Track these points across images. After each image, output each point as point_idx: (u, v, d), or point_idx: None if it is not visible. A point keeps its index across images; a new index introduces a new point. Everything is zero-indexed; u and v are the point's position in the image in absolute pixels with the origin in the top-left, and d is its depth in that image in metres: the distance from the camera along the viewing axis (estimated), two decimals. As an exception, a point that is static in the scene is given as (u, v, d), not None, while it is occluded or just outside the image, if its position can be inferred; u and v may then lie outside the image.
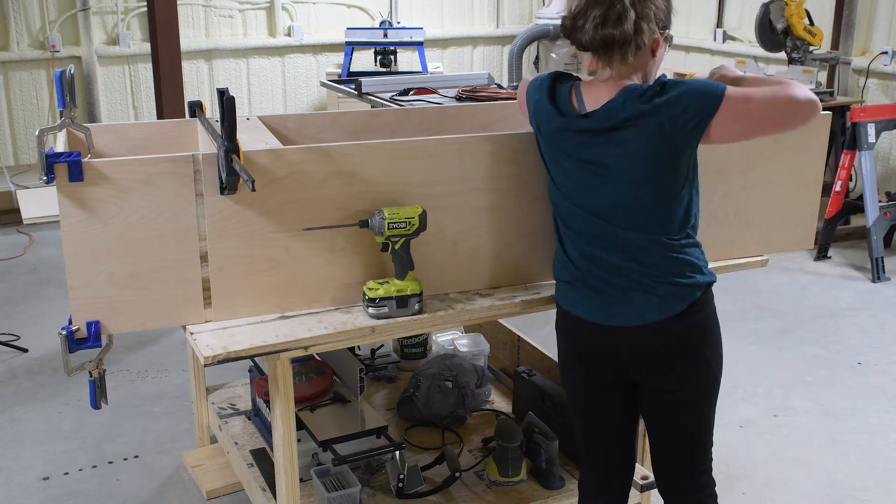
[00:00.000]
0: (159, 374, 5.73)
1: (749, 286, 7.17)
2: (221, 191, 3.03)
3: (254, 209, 3.10)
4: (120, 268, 3.02)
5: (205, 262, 3.11)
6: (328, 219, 3.20)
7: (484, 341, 4.98)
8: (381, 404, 4.69)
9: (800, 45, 8.37)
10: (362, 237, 3.27)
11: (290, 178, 3.12)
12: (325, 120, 3.98)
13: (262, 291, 3.20)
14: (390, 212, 3.18)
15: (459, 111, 4.22)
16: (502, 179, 3.42)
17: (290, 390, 3.23)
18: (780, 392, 5.52)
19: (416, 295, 3.25)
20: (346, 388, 4.26)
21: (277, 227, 3.14)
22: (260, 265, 3.17)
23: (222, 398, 4.67)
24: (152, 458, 4.79)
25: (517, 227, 3.50)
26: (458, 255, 3.45)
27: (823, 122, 3.88)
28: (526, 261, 3.56)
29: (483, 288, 3.53)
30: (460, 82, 7.23)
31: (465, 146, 3.35)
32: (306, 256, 3.22)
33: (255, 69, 10.79)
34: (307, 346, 3.11)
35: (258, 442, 4.25)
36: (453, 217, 3.39)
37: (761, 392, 5.53)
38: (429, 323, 3.31)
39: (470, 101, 6.46)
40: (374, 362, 4.92)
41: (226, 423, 4.44)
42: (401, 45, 10.50)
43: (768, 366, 5.87)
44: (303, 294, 3.26)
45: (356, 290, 3.32)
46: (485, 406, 4.66)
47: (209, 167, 3.02)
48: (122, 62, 10.04)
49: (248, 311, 3.20)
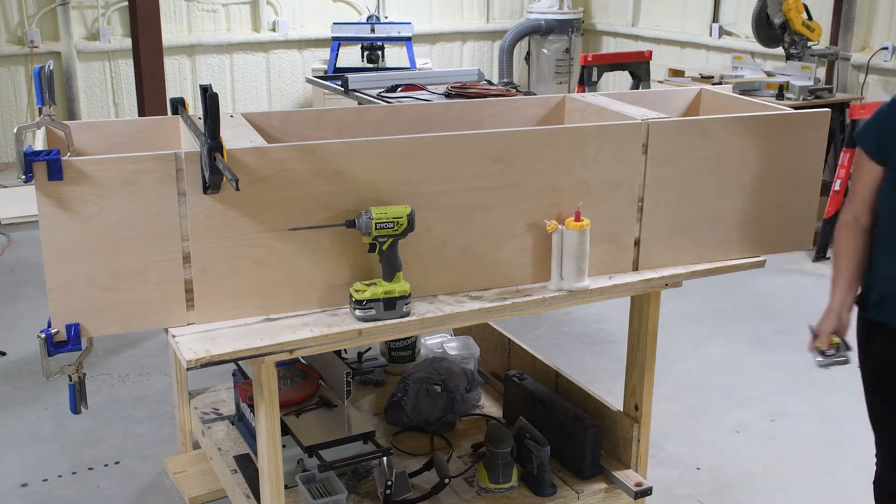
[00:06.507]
0: (141, 378, 5.73)
1: (747, 287, 7.19)
2: (204, 190, 3.03)
3: (237, 209, 3.10)
4: (100, 269, 3.03)
5: (187, 263, 3.12)
6: (314, 219, 3.21)
7: (474, 344, 4.99)
8: (369, 409, 4.70)
9: (798, 40, 8.40)
10: (349, 238, 3.28)
11: (275, 176, 3.13)
12: (310, 117, 3.99)
13: (246, 293, 3.21)
14: (377, 211, 3.19)
15: (448, 108, 4.22)
16: (493, 178, 3.43)
17: (274, 395, 3.24)
18: (778, 395, 5.54)
19: (404, 297, 3.26)
20: (332, 392, 4.26)
21: (262, 228, 3.15)
22: (244, 266, 3.17)
23: (205, 403, 4.68)
24: (133, 464, 4.79)
25: (508, 228, 3.51)
26: (448, 256, 3.46)
27: (822, 119, 3.89)
28: (517, 262, 3.57)
29: (473, 290, 3.54)
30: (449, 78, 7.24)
31: (454, 144, 3.36)
32: (291, 257, 3.22)
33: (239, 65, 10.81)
34: (292, 350, 3.12)
35: (242, 448, 4.26)
36: (442, 217, 3.40)
37: (758, 395, 5.55)
38: (417, 325, 3.32)
39: (459, 97, 6.47)
40: (362, 366, 4.93)
41: (209, 428, 4.45)
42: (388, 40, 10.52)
43: (766, 368, 5.89)
44: (288, 296, 3.27)
45: (343, 292, 3.33)
46: (474, 411, 4.67)
47: (192, 166, 3.03)
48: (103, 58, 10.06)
49: (231, 313, 3.21)
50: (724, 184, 3.77)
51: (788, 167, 3.87)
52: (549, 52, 11.69)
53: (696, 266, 3.83)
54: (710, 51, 10.83)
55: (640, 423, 4.11)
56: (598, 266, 3.67)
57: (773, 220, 3.92)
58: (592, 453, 4.12)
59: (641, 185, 3.67)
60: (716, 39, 10.74)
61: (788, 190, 3.91)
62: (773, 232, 3.94)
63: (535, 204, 3.50)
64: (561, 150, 3.51)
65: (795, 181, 3.92)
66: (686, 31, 11.09)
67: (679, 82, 8.83)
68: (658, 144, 3.64)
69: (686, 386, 5.67)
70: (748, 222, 3.87)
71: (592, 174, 3.58)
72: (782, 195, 3.90)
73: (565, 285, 3.55)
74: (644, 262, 3.78)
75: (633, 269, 3.77)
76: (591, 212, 3.56)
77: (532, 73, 11.93)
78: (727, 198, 3.80)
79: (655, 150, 3.65)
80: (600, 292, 3.64)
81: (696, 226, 3.79)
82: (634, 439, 4.12)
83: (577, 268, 3.52)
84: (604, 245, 3.67)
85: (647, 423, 4.12)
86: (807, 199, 3.97)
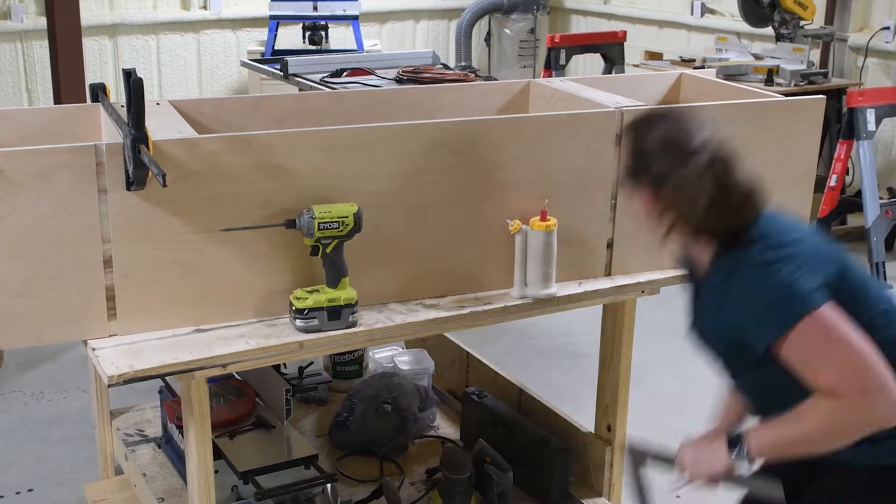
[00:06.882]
0: (57, 396, 5.71)
1: (730, 295, 7.19)
2: (128, 186, 3.03)
3: (165, 207, 3.10)
4: (12, 274, 3.02)
5: (109, 268, 3.11)
6: (250, 218, 3.21)
7: (428, 358, 5.00)
8: (311, 430, 4.70)
9: (789, 19, 8.44)
10: (289, 239, 3.28)
11: (207, 171, 3.13)
12: (246, 105, 3.99)
13: (175, 301, 3.21)
14: (321, 210, 3.19)
15: (400, 95, 4.24)
16: (449, 173, 3.44)
17: (206, 414, 3.24)
18: (765, 415, 5.56)
19: (350, 305, 3.27)
20: (270, 411, 4.26)
21: (192, 228, 3.15)
22: (172, 271, 3.17)
23: (129, 423, 4.66)
24: (49, 491, 4.78)
25: (466, 228, 3.53)
26: (399, 260, 3.47)
27: (816, 107, 3.92)
28: (476, 266, 3.59)
29: (427, 297, 3.55)
30: (401, 62, 7.24)
31: (406, 135, 3.38)
32: (225, 261, 3.23)
33: (167, 47, 10.76)
34: (226, 364, 3.12)
35: (170, 473, 4.25)
36: (393, 216, 3.41)
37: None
38: (365, 337, 3.33)
39: (412, 83, 6.48)
40: (303, 382, 4.93)
41: (133, 451, 4.43)
42: (333, 19, 10.50)
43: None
44: (221, 304, 3.27)
45: (282, 300, 3.33)
46: (429, 432, 4.68)
47: (114, 159, 3.02)
48: (14, 39, 9.99)
49: (158, 323, 3.21)
50: (705, 180, 3.79)
51: (779, 161, 3.90)
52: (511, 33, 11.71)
53: (676, 271, 3.84)
54: (691, 31, 10.86)
55: (613, 447, 4.14)
56: (567, 271, 3.70)
57: (760, 219, 3.94)
58: (560, 480, 4.15)
59: (615, 181, 3.70)
60: (697, 19, 10.76)
61: (779, 186, 3.91)
62: (759, 233, 3.96)
63: (497, 201, 3.52)
64: (525, 142, 3.53)
65: (787, 176, 3.94)
66: (664, 9, 11.11)
67: (657, 66, 8.87)
68: (632, 136, 3.65)
69: (665, 406, 5.69)
70: (732, 222, 3.89)
71: (560, 168, 3.60)
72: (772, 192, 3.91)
73: (530, 292, 3.57)
74: (618, 266, 3.80)
75: (605, 275, 3.80)
76: (558, 210, 3.57)
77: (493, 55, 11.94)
78: (709, 195, 3.82)
79: (630, 142, 3.66)
80: (569, 300, 3.66)
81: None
82: (607, 464, 4.14)
83: (543, 273, 3.54)
84: (573, 247, 3.69)
85: (620, 446, 4.14)
86: (799, 196, 4.00)
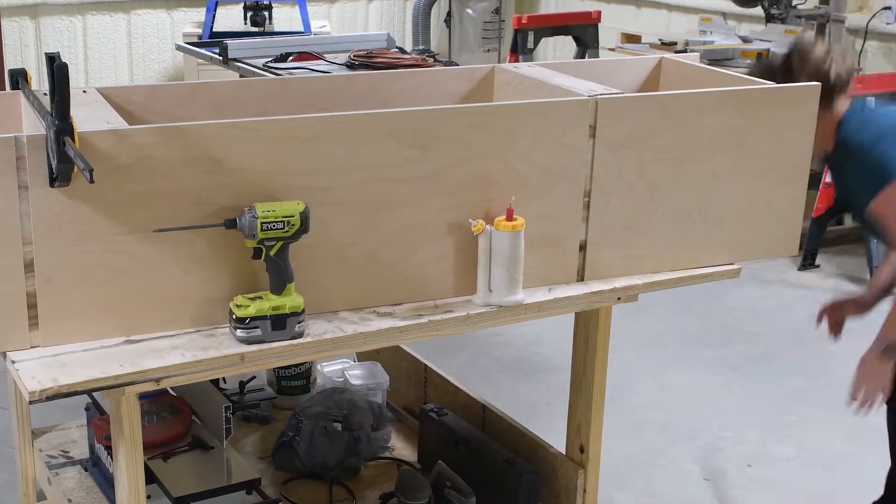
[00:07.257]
0: (-31, 416, 5.71)
1: (717, 302, 7.25)
2: (51, 182, 3.03)
3: (92, 205, 3.10)
4: (-80, 279, 3.03)
5: (30, 273, 3.11)
6: (186, 217, 3.22)
7: (382, 372, 5.02)
8: (253, 451, 4.72)
9: (780, -2, 8.50)
10: (229, 241, 3.29)
11: (138, 165, 3.13)
12: (181, 92, 4.00)
13: (103, 309, 3.21)
14: (264, 209, 3.20)
15: (351, 82, 4.26)
16: (405, 168, 3.46)
17: (137, 434, 3.25)
18: (755, 436, 5.61)
19: (296, 313, 3.29)
20: (208, 430, 4.28)
21: (122, 228, 3.15)
22: (99, 276, 3.17)
23: (52, 444, 4.66)
24: (-39, 522, 4.78)
25: (425, 229, 3.55)
26: (350, 264, 3.49)
27: (810, 95, 3.94)
28: (435, 271, 3.61)
29: (381, 305, 3.57)
30: (352, 45, 7.28)
31: (358, 126, 3.39)
32: (158, 265, 3.23)
33: (94, 29, 10.76)
34: (159, 379, 3.13)
35: (97, 499, 4.26)
36: (343, 215, 3.43)
37: (731, 436, 5.61)
38: (312, 349, 3.35)
39: (364, 68, 6.51)
40: (244, 398, 4.93)
41: (56, 474, 4.44)
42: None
43: (740, 402, 5.96)
44: (154, 312, 3.28)
45: (221, 308, 3.34)
46: (383, 453, 4.70)
47: (35, 152, 3.02)
48: (-79, 18, 9.99)
49: (84, 333, 3.21)
50: (689, 174, 3.82)
51: (769, 154, 3.92)
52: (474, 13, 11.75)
53: (656, 276, 3.88)
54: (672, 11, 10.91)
55: (586, 469, 4.16)
56: (536, 276, 3.72)
57: (751, 219, 3.97)
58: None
59: (588, 177, 3.72)
60: (680, -2, 10.83)
61: (769, 182, 3.96)
62: (749, 234, 3.99)
63: (458, 199, 3.54)
64: (490, 134, 3.55)
65: (778, 171, 3.97)
66: (644, -13, 11.18)
67: (634, 50, 8.92)
68: (609, 126, 3.68)
69: (643, 423, 5.72)
70: (719, 222, 3.92)
71: (528, 163, 3.62)
72: (762, 189, 3.95)
73: (494, 299, 3.59)
74: (591, 270, 3.83)
75: (577, 280, 3.82)
76: (526, 209, 3.59)
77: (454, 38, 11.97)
78: (693, 192, 3.85)
79: (606, 132, 3.68)
80: (538, 308, 3.68)
81: (655, 226, 3.84)
82: (580, 489, 4.17)
83: (508, 278, 3.56)
84: (542, 250, 3.71)
85: (594, 469, 4.17)
86: (792, 193, 4.02)
